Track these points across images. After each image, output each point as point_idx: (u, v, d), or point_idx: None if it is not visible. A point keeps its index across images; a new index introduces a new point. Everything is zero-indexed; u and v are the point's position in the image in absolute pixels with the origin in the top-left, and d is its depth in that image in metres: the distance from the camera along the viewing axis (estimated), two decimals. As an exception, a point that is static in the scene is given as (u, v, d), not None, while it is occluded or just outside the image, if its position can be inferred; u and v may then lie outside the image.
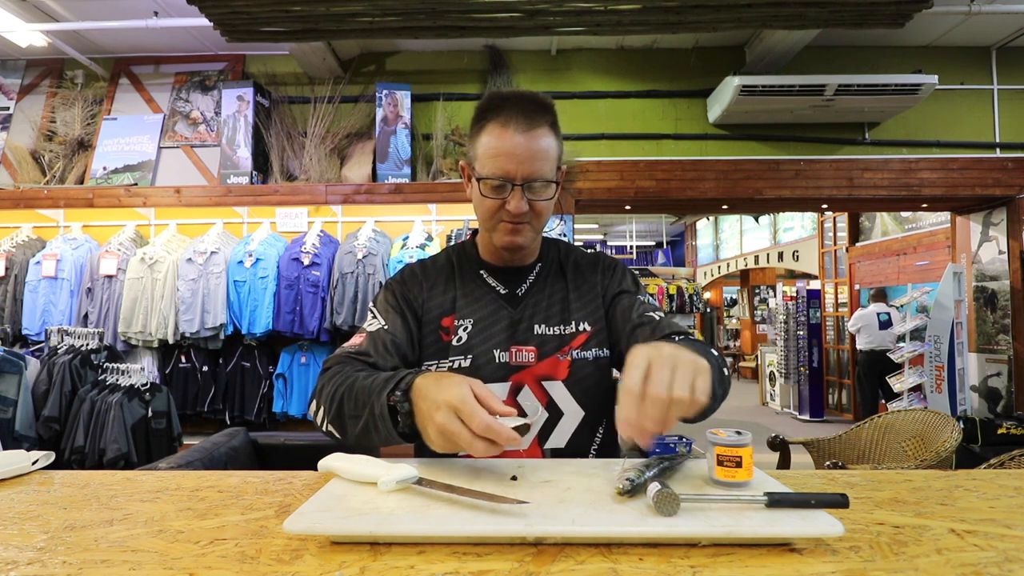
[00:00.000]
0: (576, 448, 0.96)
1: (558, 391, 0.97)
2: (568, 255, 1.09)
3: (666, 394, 0.61)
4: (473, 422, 0.64)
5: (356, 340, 0.95)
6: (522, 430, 0.68)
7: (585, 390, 0.98)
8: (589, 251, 1.11)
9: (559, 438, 0.96)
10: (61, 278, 3.49)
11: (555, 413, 0.97)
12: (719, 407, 0.80)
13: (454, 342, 0.97)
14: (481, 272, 1.04)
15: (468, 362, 0.96)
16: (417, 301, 1.01)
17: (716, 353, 0.86)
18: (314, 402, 0.86)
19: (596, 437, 0.99)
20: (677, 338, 0.91)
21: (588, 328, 1.01)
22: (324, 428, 0.84)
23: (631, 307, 1.00)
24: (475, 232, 1.09)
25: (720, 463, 0.67)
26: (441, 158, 3.79)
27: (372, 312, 1.01)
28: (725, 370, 0.87)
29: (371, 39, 3.59)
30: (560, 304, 1.02)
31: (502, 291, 1.02)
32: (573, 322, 1.00)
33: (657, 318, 0.97)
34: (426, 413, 0.69)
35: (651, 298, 1.04)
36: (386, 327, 0.96)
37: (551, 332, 0.99)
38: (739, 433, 0.69)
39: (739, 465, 0.67)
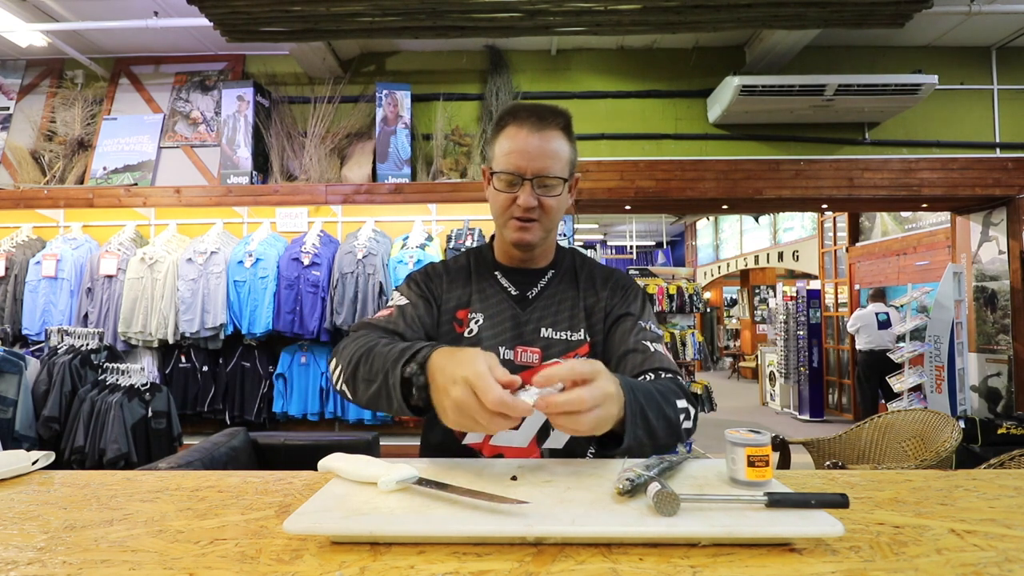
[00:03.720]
0: (573, 449, 0.98)
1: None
2: (583, 265, 1.11)
3: (574, 408, 0.67)
4: (487, 397, 0.64)
5: (384, 312, 1.00)
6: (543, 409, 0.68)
7: None
8: (606, 267, 1.13)
9: (557, 439, 0.97)
10: (61, 278, 3.49)
11: None
12: (653, 450, 0.79)
13: (466, 334, 1.02)
14: (495, 273, 1.08)
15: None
16: (437, 292, 1.06)
17: (682, 404, 0.85)
18: (333, 360, 0.90)
19: (592, 439, 1.00)
20: (663, 375, 0.92)
21: (593, 339, 1.03)
22: (338, 387, 0.87)
23: (630, 331, 1.01)
24: (492, 236, 1.13)
25: (751, 464, 0.67)
26: (441, 158, 3.78)
27: (398, 293, 1.06)
28: (685, 420, 0.86)
29: (371, 39, 3.59)
30: (570, 311, 1.04)
31: (513, 292, 1.06)
32: (582, 330, 1.03)
33: (652, 349, 0.98)
34: (442, 387, 0.69)
35: (654, 324, 1.05)
36: (411, 303, 1.01)
37: (558, 336, 1.02)
38: (758, 432, 0.69)
39: (767, 464, 0.67)
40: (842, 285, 6.95)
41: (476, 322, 1.02)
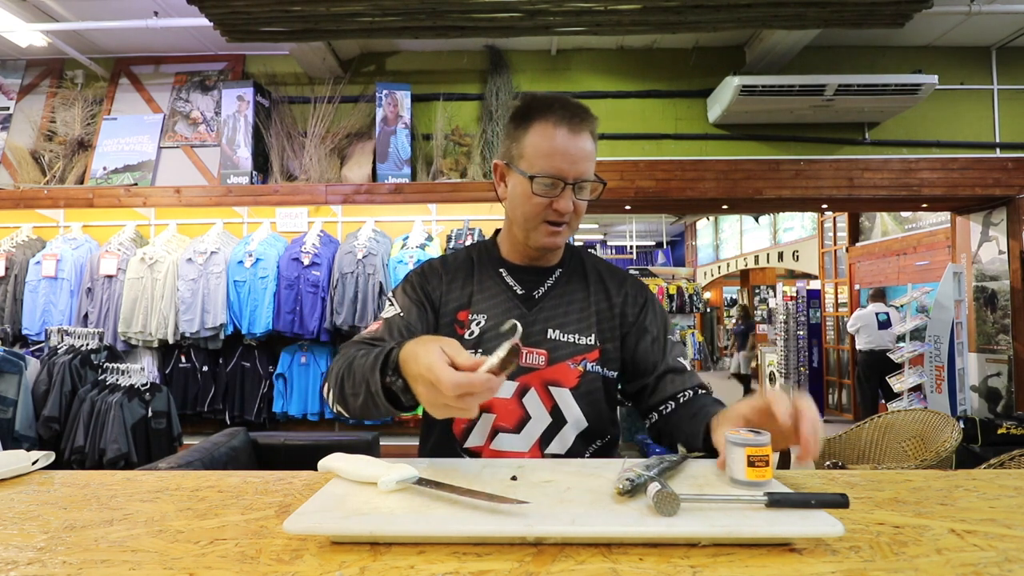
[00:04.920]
0: (579, 455, 0.97)
1: (565, 398, 0.97)
2: (591, 264, 1.09)
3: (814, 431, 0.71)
4: (442, 387, 0.62)
5: (373, 327, 0.97)
6: (509, 359, 0.64)
7: (592, 403, 0.99)
8: (615, 267, 1.11)
9: (560, 445, 0.97)
10: (61, 278, 3.49)
11: (559, 419, 0.97)
12: None
13: (466, 336, 0.98)
14: (501, 271, 1.04)
15: (479, 357, 0.97)
16: (435, 294, 1.02)
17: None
18: (325, 384, 0.90)
19: (592, 447, 1.00)
20: (699, 391, 0.99)
21: (604, 346, 1.00)
22: (334, 408, 0.87)
23: (664, 348, 1.02)
24: (496, 232, 1.10)
25: (751, 464, 0.67)
26: (441, 158, 3.78)
27: (389, 300, 1.03)
28: None
29: (371, 39, 3.59)
30: (578, 313, 1.01)
31: (519, 291, 1.02)
32: (592, 335, 1.00)
33: (688, 367, 1.02)
34: (415, 390, 0.70)
35: (676, 335, 1.07)
36: (401, 314, 0.98)
37: (565, 339, 0.99)
38: (758, 432, 0.69)
39: (767, 464, 0.66)
40: (842, 285, 6.95)
41: (478, 324, 0.99)
